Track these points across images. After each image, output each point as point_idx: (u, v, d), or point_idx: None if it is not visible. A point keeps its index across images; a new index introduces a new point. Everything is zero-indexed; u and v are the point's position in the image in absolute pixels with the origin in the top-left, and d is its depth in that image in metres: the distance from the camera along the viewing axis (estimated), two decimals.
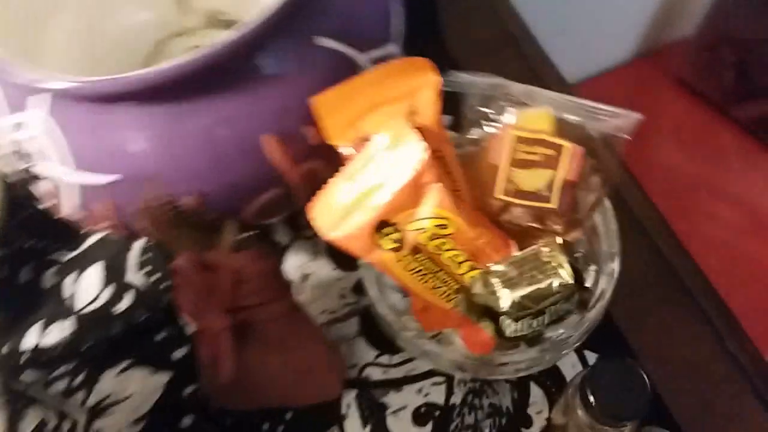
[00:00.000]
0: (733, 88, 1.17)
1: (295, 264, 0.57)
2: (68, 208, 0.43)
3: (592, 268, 0.43)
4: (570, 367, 0.52)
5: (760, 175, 1.13)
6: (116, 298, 0.55)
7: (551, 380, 0.51)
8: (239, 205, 0.42)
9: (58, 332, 0.55)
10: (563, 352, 0.41)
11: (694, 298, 0.52)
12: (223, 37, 0.35)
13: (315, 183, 0.40)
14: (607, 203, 0.42)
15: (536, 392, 0.51)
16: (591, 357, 0.51)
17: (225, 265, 0.43)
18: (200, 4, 0.57)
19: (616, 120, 0.36)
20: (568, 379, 0.50)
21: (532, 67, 0.66)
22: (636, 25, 1.25)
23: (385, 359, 0.52)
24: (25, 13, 0.46)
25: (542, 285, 0.37)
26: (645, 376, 0.37)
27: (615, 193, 0.40)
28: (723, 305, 0.52)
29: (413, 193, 0.38)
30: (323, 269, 0.56)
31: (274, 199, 0.42)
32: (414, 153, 0.38)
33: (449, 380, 0.51)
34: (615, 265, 0.41)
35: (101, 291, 0.56)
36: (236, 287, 0.43)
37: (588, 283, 0.42)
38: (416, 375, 0.51)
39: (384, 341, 0.48)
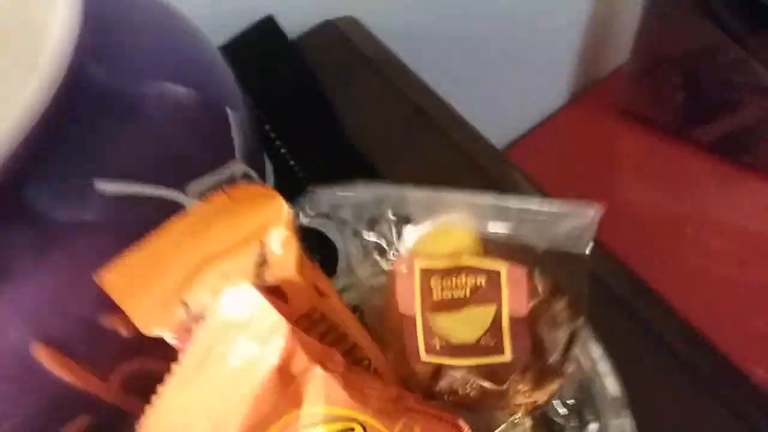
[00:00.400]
0: (686, 109, 1.08)
1: None
2: None
3: (593, 426, 0.28)
4: None
5: (738, 195, 1.01)
6: None
7: None
8: None
9: None
10: None
11: None
12: None
13: (147, 387, 0.26)
14: (589, 331, 0.28)
15: None
16: None
17: None
18: None
19: (569, 221, 0.23)
20: None
21: (455, 140, 0.54)
22: (565, 65, 1.16)
23: None
24: None
25: None
26: None
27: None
28: None
29: (283, 390, 0.24)
30: None
31: (86, 429, 0.27)
32: (270, 330, 0.24)
33: None
34: (625, 421, 0.26)
35: None
36: None
37: None
38: None
39: None
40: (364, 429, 0.24)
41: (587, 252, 0.23)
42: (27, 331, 0.25)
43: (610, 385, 0.27)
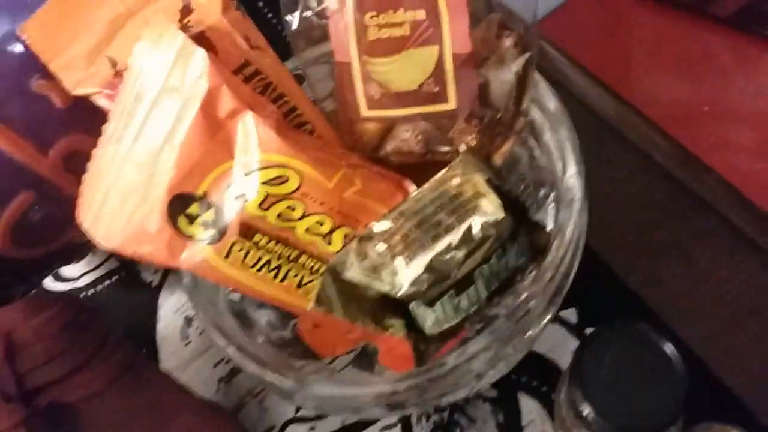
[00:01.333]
0: None
1: (172, 307, 0.42)
2: None
3: (549, 197, 0.26)
4: (569, 352, 0.35)
5: (760, 71, 0.97)
6: None
7: (546, 382, 0.35)
8: None
9: None
10: (531, 332, 0.25)
11: (721, 213, 0.36)
12: None
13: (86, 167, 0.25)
14: (545, 84, 0.26)
15: (529, 405, 0.34)
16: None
17: None
18: None
19: None
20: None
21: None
22: None
23: (309, 411, 0.36)
24: None
25: (455, 234, 0.22)
26: (674, 350, 0.21)
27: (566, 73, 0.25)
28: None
29: (212, 136, 0.23)
30: None
31: (29, 209, 0.27)
32: (192, 69, 0.23)
33: (405, 420, 0.35)
34: (573, 183, 0.25)
35: None
36: (13, 360, 0.28)
37: (546, 219, 0.26)
38: (356, 424, 0.35)
39: None
40: (301, 177, 0.24)
41: None
42: None
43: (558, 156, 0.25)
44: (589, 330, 0.36)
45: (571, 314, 0.36)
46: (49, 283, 0.43)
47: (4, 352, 0.27)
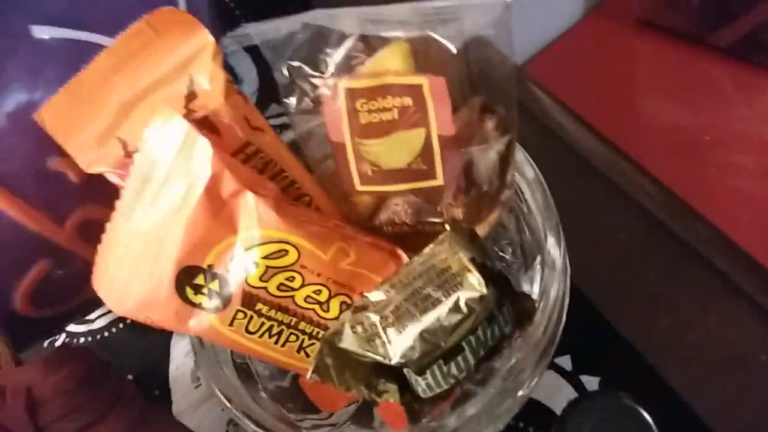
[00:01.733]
0: (703, 15, 1.03)
1: (183, 351, 0.43)
2: None
3: (536, 259, 0.28)
4: (564, 399, 0.37)
5: (760, 99, 0.97)
6: None
7: (542, 428, 0.36)
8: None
9: None
10: (521, 393, 0.26)
11: (710, 260, 0.37)
12: None
13: (99, 235, 0.27)
14: (522, 155, 0.27)
15: None
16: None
17: (9, 387, 0.29)
18: None
19: (473, 15, 0.22)
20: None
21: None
22: None
23: None
24: None
25: (443, 307, 0.23)
26: (649, 419, 0.22)
27: (541, 133, 0.26)
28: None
29: (216, 215, 0.25)
30: None
31: (47, 275, 0.29)
32: (197, 155, 0.24)
33: None
34: (552, 247, 0.26)
35: None
36: (33, 414, 0.29)
37: (534, 285, 0.28)
38: None
39: None
40: (299, 251, 0.25)
41: (510, 45, 0.22)
42: None
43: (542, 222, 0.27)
44: (583, 377, 0.37)
45: (565, 361, 0.37)
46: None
47: (25, 406, 0.29)
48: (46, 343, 0.44)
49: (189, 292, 0.25)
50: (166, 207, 0.25)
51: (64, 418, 0.29)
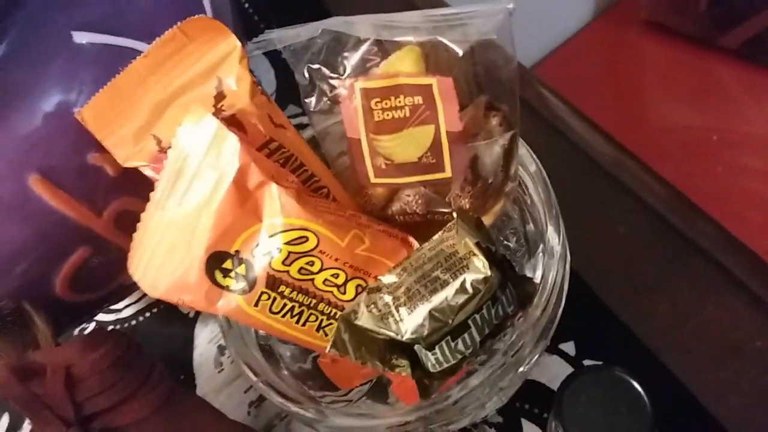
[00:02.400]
0: (711, 17, 1.04)
1: (207, 337, 0.46)
2: None
3: (539, 247, 0.30)
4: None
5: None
6: None
7: (546, 409, 0.38)
8: (38, 282, 0.31)
9: None
10: (522, 368, 0.28)
11: (711, 255, 0.39)
12: None
13: (134, 226, 0.29)
14: (525, 150, 0.29)
15: (531, 430, 0.38)
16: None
17: (50, 365, 0.32)
18: None
19: (478, 21, 0.24)
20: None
21: None
22: None
23: None
24: None
25: (451, 288, 0.25)
26: (642, 394, 0.24)
27: (550, 133, 0.28)
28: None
29: (243, 205, 0.27)
30: None
31: (86, 261, 0.31)
32: (228, 151, 0.27)
33: None
34: (551, 235, 0.28)
35: None
36: (72, 391, 0.32)
37: (537, 271, 0.30)
38: None
39: None
40: (318, 238, 0.27)
41: (513, 48, 0.24)
42: (23, 167, 0.28)
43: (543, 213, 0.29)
44: (586, 362, 0.39)
45: (569, 347, 0.39)
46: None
47: (65, 383, 0.32)
48: (76, 331, 0.46)
49: (218, 275, 0.28)
50: (197, 198, 0.27)
51: (99, 394, 0.32)
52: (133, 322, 0.48)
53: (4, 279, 0.29)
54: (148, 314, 0.48)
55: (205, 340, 0.46)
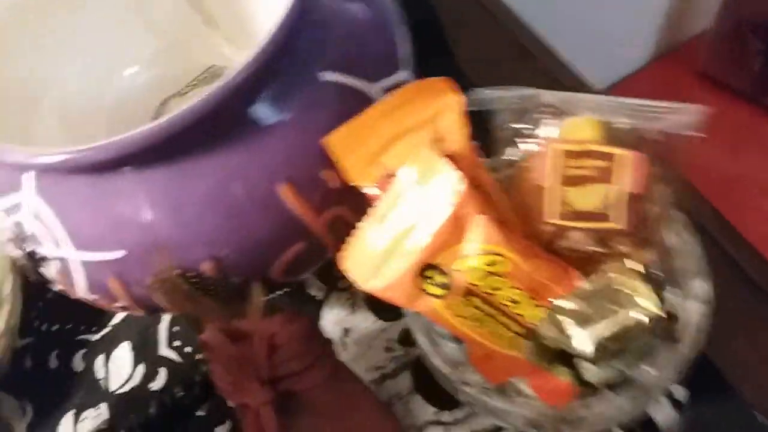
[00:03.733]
0: (762, 76, 1.11)
1: (332, 319, 0.53)
2: (80, 290, 0.39)
3: (670, 292, 0.37)
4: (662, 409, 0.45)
5: None
6: (150, 375, 0.52)
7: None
8: (262, 265, 0.37)
9: (93, 419, 0.52)
10: (655, 397, 0.35)
11: None
12: (213, 86, 0.32)
13: (342, 231, 0.36)
14: (676, 213, 0.36)
15: None
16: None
17: (257, 332, 0.38)
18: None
19: (676, 116, 0.31)
20: (660, 425, 0.43)
21: (553, 77, 0.62)
22: (651, 24, 1.20)
23: (446, 416, 0.47)
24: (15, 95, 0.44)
25: (620, 318, 0.32)
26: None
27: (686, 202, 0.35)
28: None
29: (455, 229, 0.34)
30: (364, 322, 0.51)
31: (300, 253, 0.38)
32: (448, 184, 0.33)
33: None
34: (704, 285, 0.35)
35: (133, 370, 0.53)
36: (272, 356, 0.39)
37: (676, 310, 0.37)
38: None
39: (443, 396, 0.42)
40: (508, 262, 0.34)
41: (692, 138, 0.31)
42: (275, 175, 0.35)
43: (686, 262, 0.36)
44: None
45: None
46: None
47: (267, 348, 0.38)
48: None
49: (423, 282, 0.35)
50: (414, 218, 0.34)
51: (292, 360, 0.39)
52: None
53: (244, 258, 0.36)
54: (279, 293, 0.55)
55: (330, 322, 0.52)
